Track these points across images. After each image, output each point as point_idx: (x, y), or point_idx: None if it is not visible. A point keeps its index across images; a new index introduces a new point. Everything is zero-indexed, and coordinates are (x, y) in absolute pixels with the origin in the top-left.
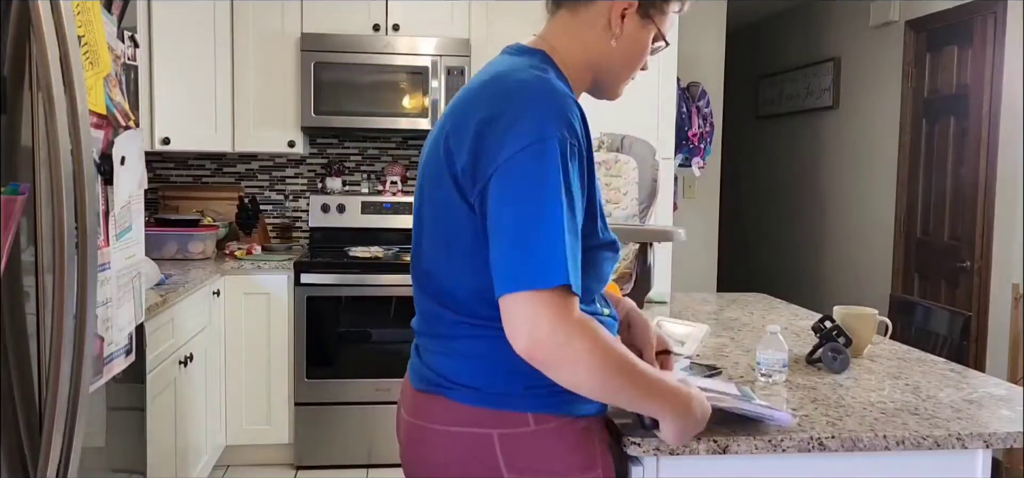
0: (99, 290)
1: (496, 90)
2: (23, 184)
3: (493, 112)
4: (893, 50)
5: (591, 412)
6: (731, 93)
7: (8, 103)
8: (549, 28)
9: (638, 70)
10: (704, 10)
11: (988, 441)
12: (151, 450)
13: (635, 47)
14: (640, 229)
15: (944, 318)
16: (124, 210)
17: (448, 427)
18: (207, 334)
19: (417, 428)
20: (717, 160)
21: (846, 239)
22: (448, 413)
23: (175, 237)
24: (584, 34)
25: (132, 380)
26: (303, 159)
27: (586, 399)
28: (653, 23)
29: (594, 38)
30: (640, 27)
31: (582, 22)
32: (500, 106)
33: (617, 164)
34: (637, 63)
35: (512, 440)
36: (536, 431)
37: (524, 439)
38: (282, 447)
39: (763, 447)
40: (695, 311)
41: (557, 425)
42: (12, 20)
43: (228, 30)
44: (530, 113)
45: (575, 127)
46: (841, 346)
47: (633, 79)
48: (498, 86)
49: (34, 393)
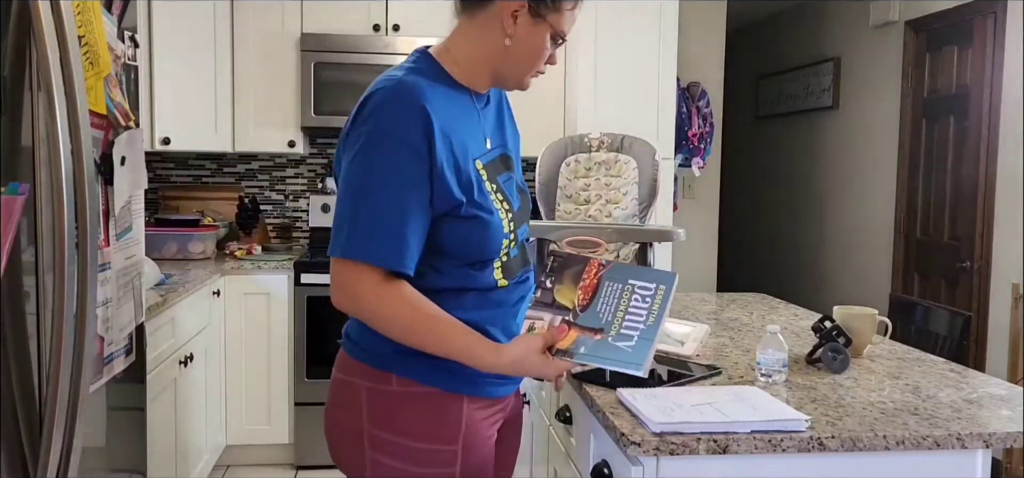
0: (99, 290)
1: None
2: (23, 184)
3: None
4: (893, 50)
5: (462, 390)
6: (731, 93)
7: (8, 103)
8: (451, 33)
9: (541, 65)
10: (704, 10)
11: (988, 441)
12: (151, 450)
13: (531, 45)
14: (640, 229)
15: (944, 318)
16: (124, 210)
17: (337, 374)
18: (207, 334)
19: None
20: (717, 160)
21: (846, 239)
22: (341, 362)
23: (175, 237)
24: (481, 36)
25: (132, 380)
26: (303, 159)
27: (457, 376)
28: (546, 22)
29: (490, 39)
30: (533, 26)
31: (479, 25)
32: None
33: (617, 164)
34: (536, 59)
35: (376, 395)
36: (399, 392)
37: (387, 397)
38: (282, 447)
39: (763, 447)
40: (695, 311)
41: (422, 392)
42: (12, 20)
43: (228, 30)
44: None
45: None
46: (841, 346)
47: (541, 73)
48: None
49: (34, 393)
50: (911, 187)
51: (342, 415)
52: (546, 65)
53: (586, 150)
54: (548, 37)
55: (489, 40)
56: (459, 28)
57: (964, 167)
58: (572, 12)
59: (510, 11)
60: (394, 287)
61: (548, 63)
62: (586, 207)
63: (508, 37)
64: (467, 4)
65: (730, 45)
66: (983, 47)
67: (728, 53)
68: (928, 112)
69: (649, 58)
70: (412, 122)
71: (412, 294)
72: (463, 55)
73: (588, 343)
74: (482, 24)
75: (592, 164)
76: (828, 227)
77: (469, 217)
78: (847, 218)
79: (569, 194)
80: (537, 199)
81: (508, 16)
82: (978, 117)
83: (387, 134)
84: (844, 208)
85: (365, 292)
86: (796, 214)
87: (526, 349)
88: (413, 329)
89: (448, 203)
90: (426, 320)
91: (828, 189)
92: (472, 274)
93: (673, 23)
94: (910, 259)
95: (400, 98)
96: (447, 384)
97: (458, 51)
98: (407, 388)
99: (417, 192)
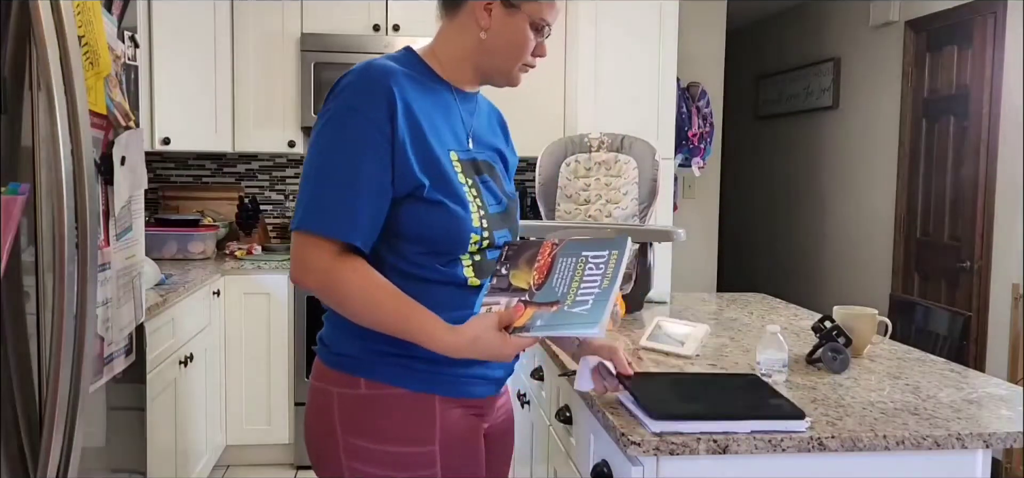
0: (99, 290)
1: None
2: (23, 184)
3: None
4: (893, 50)
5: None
6: (731, 93)
7: (8, 103)
8: (435, 36)
9: (528, 57)
10: (704, 10)
11: (988, 441)
12: (151, 450)
13: (509, 36)
14: (640, 229)
15: (944, 318)
16: (124, 210)
17: (312, 381)
18: (207, 334)
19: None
20: (717, 160)
21: (846, 239)
22: (315, 368)
23: (175, 237)
24: (459, 35)
25: (132, 380)
26: (303, 159)
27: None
28: (522, 11)
29: (468, 36)
30: (508, 17)
31: (457, 25)
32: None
33: (617, 164)
34: (518, 51)
35: (347, 400)
36: (368, 395)
37: (356, 402)
38: (282, 447)
39: (763, 447)
40: (695, 311)
41: (391, 394)
42: (12, 20)
43: (228, 30)
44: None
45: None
46: (841, 346)
47: (531, 67)
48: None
49: (34, 393)
50: (911, 187)
51: (315, 422)
52: (536, 58)
53: (586, 150)
54: (527, 27)
55: (467, 36)
56: (441, 29)
57: (964, 167)
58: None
59: (483, 5)
60: (347, 261)
61: (536, 54)
62: (586, 207)
63: (483, 31)
64: (445, 6)
65: (730, 45)
66: (983, 47)
67: (728, 53)
68: (928, 112)
69: (649, 58)
70: (375, 98)
71: (365, 269)
72: (445, 53)
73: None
74: (460, 22)
75: (592, 164)
76: (828, 227)
77: (433, 202)
78: (847, 218)
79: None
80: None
81: (481, 10)
82: (978, 117)
83: (350, 109)
84: (844, 208)
85: (316, 264)
86: (796, 214)
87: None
88: (365, 304)
89: (409, 184)
90: (378, 292)
91: (828, 189)
92: (438, 267)
93: (673, 23)
94: (910, 259)
95: (366, 76)
96: (417, 385)
97: (440, 50)
98: (376, 391)
99: (374, 166)
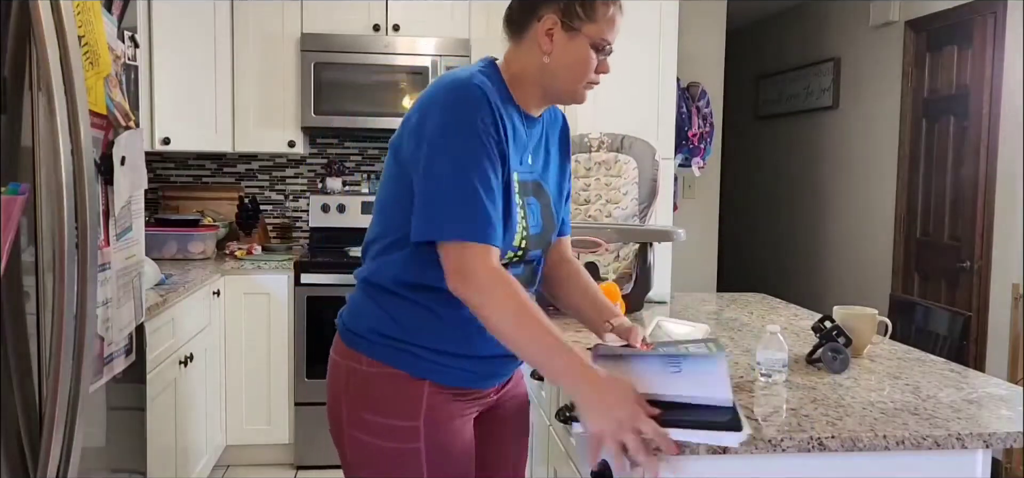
0: (99, 290)
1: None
2: (23, 184)
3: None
4: (893, 50)
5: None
6: (731, 93)
7: (8, 103)
8: (505, 56)
9: (591, 75)
10: (704, 10)
11: (988, 441)
12: (151, 450)
13: (573, 58)
14: (640, 229)
15: (944, 318)
16: (124, 210)
17: (331, 354)
18: (207, 334)
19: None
20: (717, 160)
21: (846, 239)
22: (334, 343)
23: (175, 237)
24: (525, 57)
25: (132, 380)
26: (303, 159)
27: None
28: (582, 34)
29: (533, 58)
30: (569, 40)
31: (523, 48)
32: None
33: (617, 164)
34: (581, 71)
35: (354, 374)
36: (368, 372)
37: (360, 376)
38: (282, 447)
39: (763, 447)
40: (695, 311)
41: (388, 373)
42: (12, 20)
43: (228, 30)
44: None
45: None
46: (841, 346)
47: (596, 84)
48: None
49: (34, 393)
50: (911, 187)
51: (330, 390)
52: (599, 74)
53: (586, 150)
54: (588, 48)
55: (531, 60)
56: (509, 52)
57: (964, 167)
58: (609, 18)
59: (544, 30)
60: (506, 273)
61: (599, 72)
62: (586, 207)
63: (546, 55)
64: (511, 30)
65: (730, 45)
66: (983, 47)
67: (728, 53)
68: (928, 112)
69: (649, 58)
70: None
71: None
72: (511, 74)
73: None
74: (525, 47)
75: (592, 164)
76: (828, 227)
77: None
78: (847, 218)
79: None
80: None
81: (543, 35)
82: (978, 117)
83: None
84: (844, 208)
85: (480, 271)
86: (796, 214)
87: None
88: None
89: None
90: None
91: (828, 189)
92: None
93: (673, 23)
94: (910, 259)
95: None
96: (411, 369)
97: (512, 72)
98: (376, 369)
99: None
